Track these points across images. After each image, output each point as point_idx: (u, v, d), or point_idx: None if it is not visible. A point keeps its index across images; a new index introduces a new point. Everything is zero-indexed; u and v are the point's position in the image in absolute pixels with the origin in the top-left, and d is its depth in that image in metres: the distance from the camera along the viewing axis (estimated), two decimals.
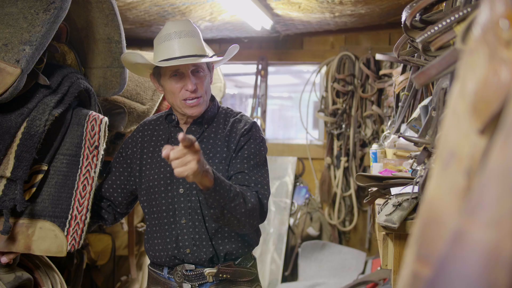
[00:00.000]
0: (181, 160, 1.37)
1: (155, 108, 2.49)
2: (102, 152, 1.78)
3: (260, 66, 4.75)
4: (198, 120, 1.78)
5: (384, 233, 1.44)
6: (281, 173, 4.61)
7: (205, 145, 1.75)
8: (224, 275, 1.72)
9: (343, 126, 4.49)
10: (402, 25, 1.23)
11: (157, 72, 1.76)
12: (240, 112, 1.85)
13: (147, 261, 3.20)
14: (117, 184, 1.86)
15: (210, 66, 1.79)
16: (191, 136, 1.36)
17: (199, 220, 1.71)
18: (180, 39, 1.68)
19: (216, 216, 1.58)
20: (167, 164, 1.75)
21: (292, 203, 4.56)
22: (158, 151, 1.80)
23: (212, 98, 1.84)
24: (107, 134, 1.81)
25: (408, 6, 1.17)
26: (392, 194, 1.55)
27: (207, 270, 1.71)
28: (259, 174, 1.72)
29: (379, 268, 3.65)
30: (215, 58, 1.77)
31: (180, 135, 1.33)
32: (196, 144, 1.37)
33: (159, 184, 1.75)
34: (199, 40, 1.73)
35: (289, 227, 4.49)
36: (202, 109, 1.74)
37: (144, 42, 3.87)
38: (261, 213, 1.69)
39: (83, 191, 1.72)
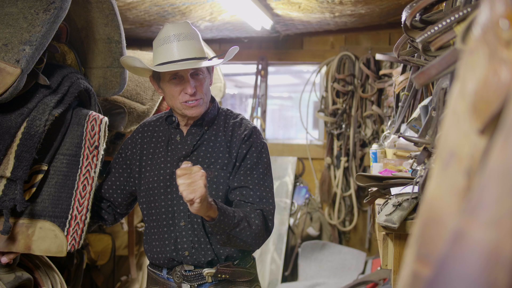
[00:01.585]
0: (189, 181, 1.41)
1: (155, 108, 2.49)
2: (102, 152, 1.78)
3: (260, 66, 4.75)
4: (198, 121, 1.78)
5: (384, 233, 1.44)
6: (281, 173, 4.62)
7: (205, 147, 1.75)
8: (223, 275, 1.72)
9: (343, 126, 4.49)
10: (402, 25, 1.23)
11: (157, 75, 1.75)
12: (240, 115, 1.85)
13: (147, 261, 3.19)
14: (116, 185, 1.86)
15: (209, 68, 1.78)
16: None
17: (198, 223, 1.71)
18: (179, 42, 1.67)
19: (223, 241, 1.62)
20: (167, 166, 1.75)
21: (292, 203, 4.56)
22: (158, 153, 1.80)
23: (212, 100, 1.84)
24: (107, 134, 1.81)
25: (408, 6, 1.17)
26: (392, 194, 1.55)
27: (206, 271, 1.71)
28: (264, 186, 1.72)
29: (379, 268, 3.65)
30: (214, 61, 1.76)
31: (184, 165, 1.46)
32: (202, 171, 1.44)
33: (158, 186, 1.75)
34: (198, 42, 1.72)
35: (289, 227, 4.49)
36: (202, 110, 1.73)
37: (144, 42, 3.87)
38: (266, 228, 1.70)
39: (83, 191, 1.72)
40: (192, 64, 1.65)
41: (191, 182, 1.42)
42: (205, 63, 1.69)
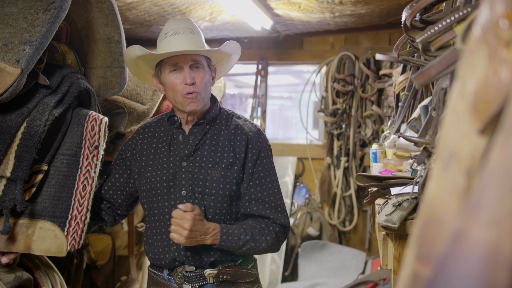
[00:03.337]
0: (178, 224, 1.58)
1: (155, 108, 2.49)
2: (102, 152, 1.78)
3: (260, 66, 4.75)
4: (200, 121, 1.78)
5: (384, 233, 1.44)
6: (281, 173, 4.61)
7: (208, 146, 1.75)
8: (225, 276, 1.72)
9: (343, 126, 4.49)
10: (402, 25, 1.22)
11: (158, 70, 1.76)
12: (243, 116, 1.86)
13: (147, 261, 3.20)
14: (116, 186, 1.86)
15: (211, 65, 1.79)
16: (190, 206, 1.60)
17: None
18: (180, 35, 1.69)
19: (235, 253, 1.72)
20: (170, 166, 1.75)
21: (292, 203, 4.56)
22: (160, 153, 1.80)
23: (214, 100, 1.84)
24: (107, 134, 1.81)
25: (408, 6, 1.17)
26: (392, 194, 1.55)
27: (207, 271, 1.71)
28: (279, 195, 1.78)
29: (379, 268, 3.65)
30: (213, 49, 1.77)
31: (181, 206, 1.59)
32: (192, 214, 1.58)
33: (161, 186, 1.75)
34: (199, 37, 1.74)
35: None
36: (200, 105, 1.73)
37: (144, 42, 3.86)
38: (285, 234, 1.79)
39: (83, 191, 1.72)
40: (190, 51, 1.67)
41: (177, 228, 1.59)
42: (203, 51, 1.71)
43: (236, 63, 1.93)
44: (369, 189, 1.76)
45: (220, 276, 1.71)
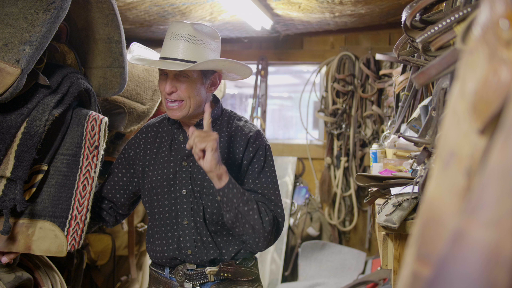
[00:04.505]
0: (203, 134, 1.56)
1: (155, 108, 2.49)
2: (102, 152, 1.78)
3: (260, 66, 4.75)
4: (201, 122, 1.78)
5: (384, 233, 1.44)
6: (281, 173, 4.61)
7: None
8: (225, 274, 1.72)
9: (343, 126, 4.50)
10: (402, 25, 1.23)
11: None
12: (244, 117, 1.86)
13: (147, 261, 3.20)
14: (119, 185, 1.86)
15: (206, 73, 1.73)
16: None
17: (201, 222, 1.72)
18: (174, 41, 1.68)
19: (232, 221, 1.63)
20: (171, 166, 1.76)
21: (292, 203, 4.56)
22: (161, 152, 1.80)
23: (216, 101, 1.84)
24: (107, 134, 1.81)
25: (408, 6, 1.17)
26: (392, 194, 1.55)
27: (208, 269, 1.72)
28: (273, 190, 1.75)
29: (379, 268, 3.65)
30: (194, 66, 1.63)
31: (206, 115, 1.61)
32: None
33: (162, 185, 1.76)
34: (195, 44, 1.67)
35: (289, 227, 4.49)
36: (183, 114, 1.70)
37: (144, 42, 3.85)
38: (277, 228, 1.72)
39: (83, 191, 1.72)
40: (167, 65, 1.64)
41: (204, 136, 1.55)
42: (178, 67, 1.62)
43: (249, 62, 1.89)
44: (369, 189, 1.76)
45: (221, 274, 1.72)
